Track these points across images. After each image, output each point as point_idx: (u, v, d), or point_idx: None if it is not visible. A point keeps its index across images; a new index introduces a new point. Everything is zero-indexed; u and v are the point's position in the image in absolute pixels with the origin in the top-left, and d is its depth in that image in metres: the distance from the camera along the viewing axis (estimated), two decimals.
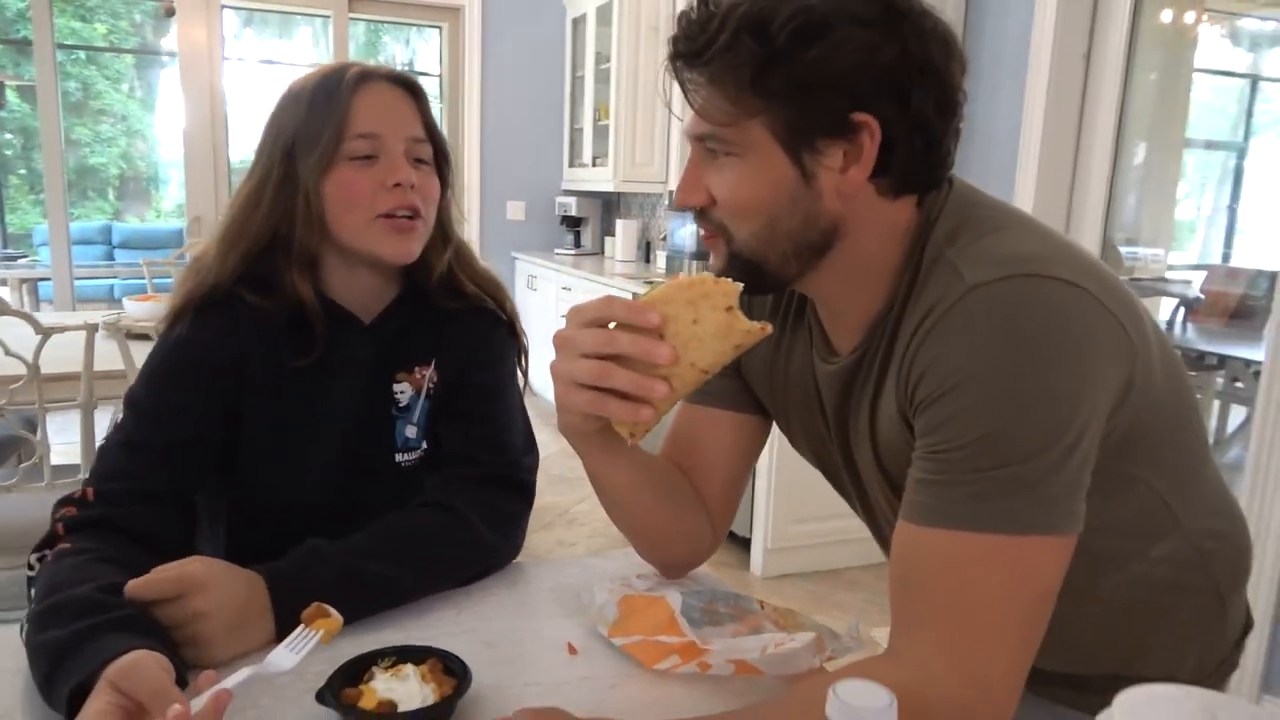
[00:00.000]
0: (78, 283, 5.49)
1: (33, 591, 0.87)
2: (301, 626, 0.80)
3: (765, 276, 0.81)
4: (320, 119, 1.03)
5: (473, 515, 1.04)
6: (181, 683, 0.72)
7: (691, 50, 0.75)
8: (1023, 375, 0.68)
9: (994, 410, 0.68)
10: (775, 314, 0.94)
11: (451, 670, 0.78)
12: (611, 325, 0.76)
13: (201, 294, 1.06)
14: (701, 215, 0.81)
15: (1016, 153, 2.75)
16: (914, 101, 0.74)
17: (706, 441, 1.00)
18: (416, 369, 1.13)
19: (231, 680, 0.69)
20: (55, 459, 2.27)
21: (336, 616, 0.82)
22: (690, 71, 0.76)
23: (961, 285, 0.71)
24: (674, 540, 0.99)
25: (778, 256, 0.79)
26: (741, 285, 0.74)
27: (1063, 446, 0.68)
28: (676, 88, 0.80)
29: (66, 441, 2.97)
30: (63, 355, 2.30)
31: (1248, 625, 0.98)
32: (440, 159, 1.12)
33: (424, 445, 1.14)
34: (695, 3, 0.76)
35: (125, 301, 3.00)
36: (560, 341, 0.78)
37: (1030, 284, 0.69)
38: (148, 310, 2.83)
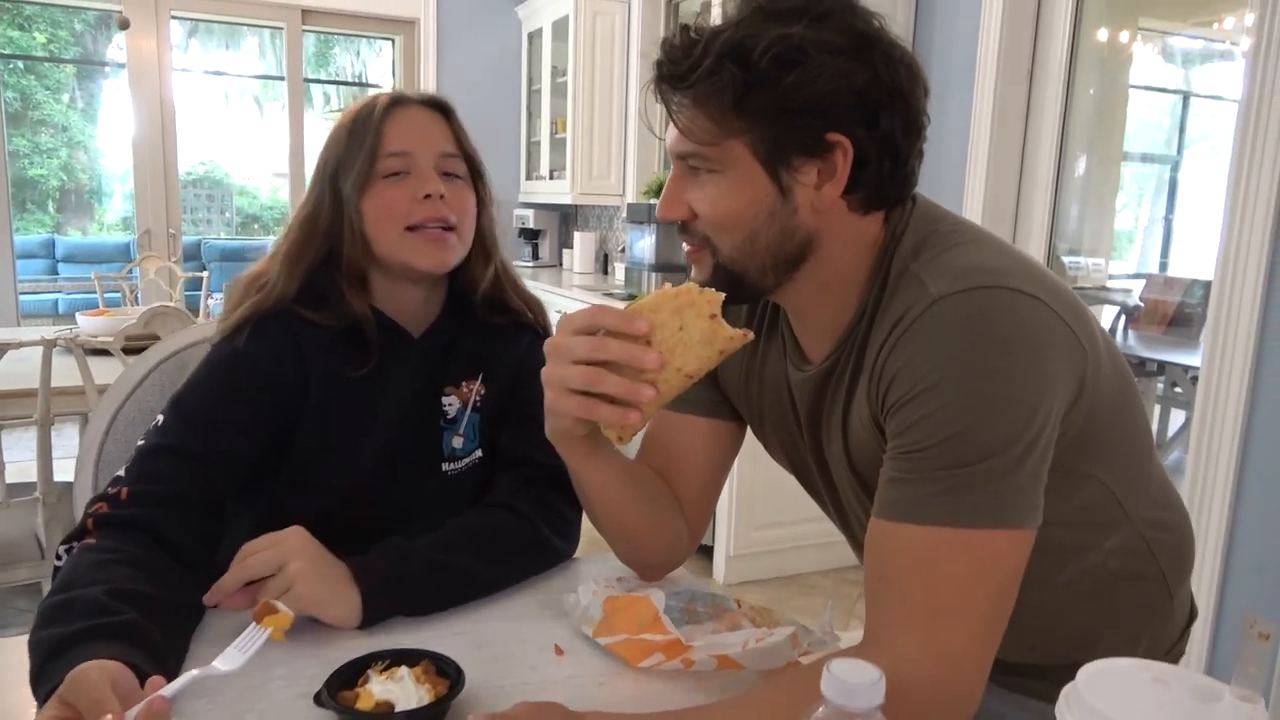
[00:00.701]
0: (20, 298, 5.35)
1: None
2: (252, 625, 0.81)
3: (745, 287, 0.85)
4: (358, 143, 1.10)
5: (539, 518, 1.10)
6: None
7: (676, 74, 0.80)
8: (985, 379, 0.73)
9: (959, 412, 0.73)
10: (750, 325, 0.98)
11: (445, 672, 0.81)
12: (601, 333, 0.80)
13: (266, 307, 1.10)
14: (684, 229, 0.86)
15: (965, 168, 2.83)
16: (883, 123, 0.79)
17: (683, 447, 1.04)
18: (464, 383, 1.18)
19: (170, 688, 0.69)
20: (10, 477, 2.23)
21: (286, 612, 0.83)
22: (674, 94, 0.81)
23: (927, 297, 0.76)
24: (652, 541, 1.02)
25: (758, 268, 0.84)
26: (724, 295, 0.79)
27: (1022, 445, 0.73)
28: (658, 108, 0.85)
29: (20, 459, 2.91)
30: (16, 371, 2.27)
31: (1192, 614, 1.05)
32: (475, 176, 1.17)
33: (478, 453, 1.20)
34: (678, 29, 0.81)
35: (77, 317, 2.93)
36: (552, 349, 0.82)
37: (990, 295, 0.75)
38: (102, 325, 2.77)
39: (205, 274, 4.46)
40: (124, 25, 3.94)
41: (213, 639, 0.89)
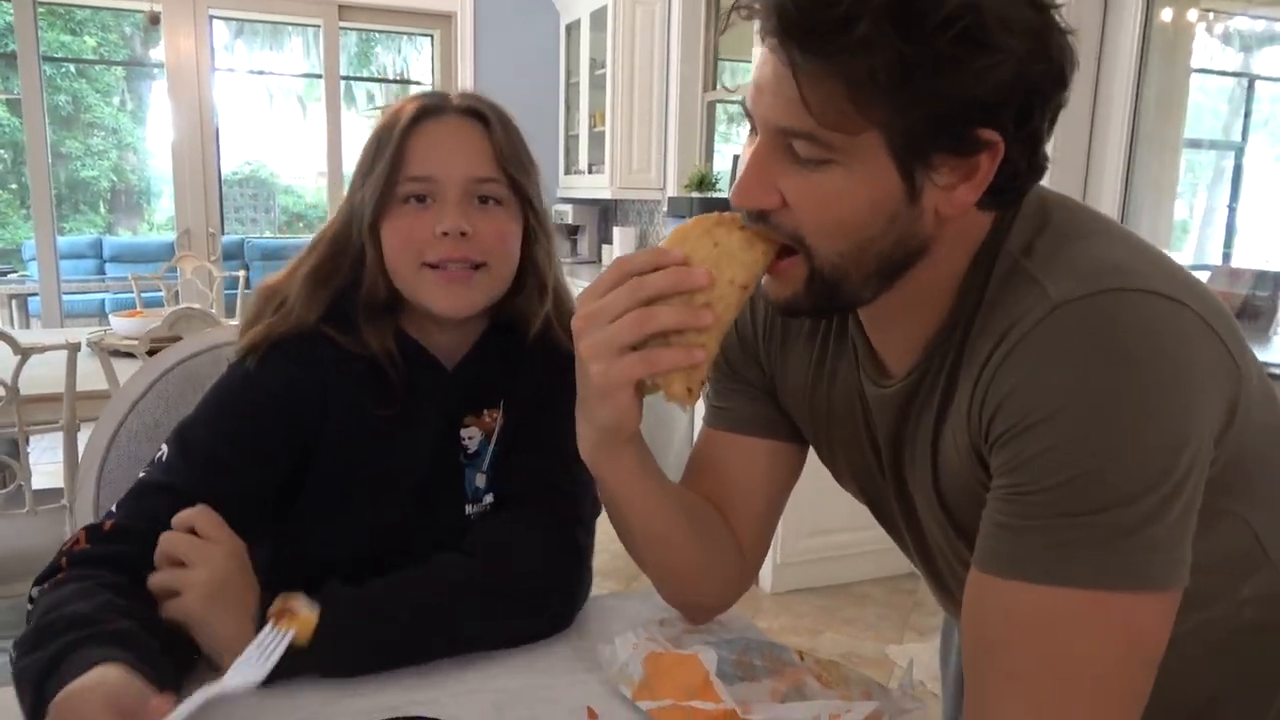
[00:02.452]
0: (69, 298, 5.37)
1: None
2: (269, 625, 0.70)
3: (840, 298, 0.70)
4: (379, 158, 0.95)
5: (533, 560, 0.94)
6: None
7: (812, 28, 0.60)
8: (1120, 408, 0.59)
9: (1086, 448, 0.59)
10: (815, 333, 0.85)
11: None
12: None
13: (284, 330, 0.97)
14: (761, 218, 0.69)
15: None
16: (1034, 119, 0.63)
17: (737, 472, 0.91)
18: (485, 412, 1.03)
19: (180, 711, 0.62)
20: (38, 482, 2.19)
21: (308, 612, 0.71)
22: (803, 55, 0.61)
23: (1046, 302, 0.62)
24: (703, 580, 0.89)
25: (860, 277, 0.68)
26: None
27: (1166, 489, 0.59)
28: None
29: (51, 462, 2.89)
30: (45, 375, 2.22)
31: None
32: (524, 203, 1.00)
33: (490, 498, 1.03)
34: None
35: (111, 318, 2.91)
36: (584, 319, 0.70)
37: (1125, 300, 0.60)
38: (134, 327, 2.74)
39: (243, 273, 4.41)
40: (155, 20, 3.91)
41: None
